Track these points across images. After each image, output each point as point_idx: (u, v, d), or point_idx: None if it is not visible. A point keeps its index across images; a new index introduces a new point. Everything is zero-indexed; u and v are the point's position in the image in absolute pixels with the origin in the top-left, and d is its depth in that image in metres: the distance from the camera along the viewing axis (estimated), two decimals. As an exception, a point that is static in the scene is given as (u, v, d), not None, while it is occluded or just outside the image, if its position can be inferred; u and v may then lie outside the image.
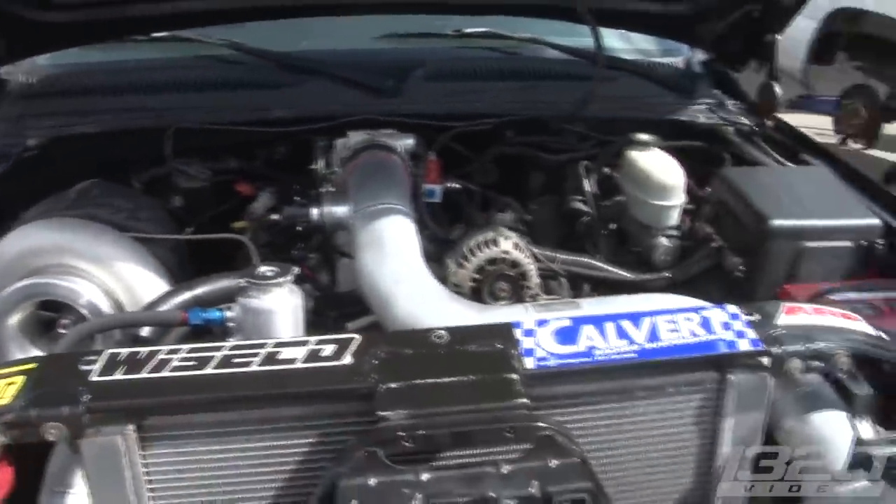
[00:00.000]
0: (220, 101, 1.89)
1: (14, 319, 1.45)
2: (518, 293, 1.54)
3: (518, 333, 1.08)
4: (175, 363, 1.02)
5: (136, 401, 1.01)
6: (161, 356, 1.03)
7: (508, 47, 2.18)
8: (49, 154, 1.77)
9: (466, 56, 2.12)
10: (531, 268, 1.55)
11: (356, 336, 1.05)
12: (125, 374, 1.02)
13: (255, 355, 1.02)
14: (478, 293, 1.54)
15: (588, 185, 1.81)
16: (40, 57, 1.98)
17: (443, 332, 1.07)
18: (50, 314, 1.46)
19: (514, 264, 1.54)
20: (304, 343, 1.04)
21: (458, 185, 1.78)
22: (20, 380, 1.03)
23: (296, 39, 2.04)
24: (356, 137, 1.75)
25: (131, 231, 1.49)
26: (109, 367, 1.03)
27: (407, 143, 1.77)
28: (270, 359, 1.02)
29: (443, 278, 1.49)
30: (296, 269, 1.22)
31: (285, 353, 1.03)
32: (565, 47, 2.12)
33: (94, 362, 1.04)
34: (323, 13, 1.98)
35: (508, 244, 1.56)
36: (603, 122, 1.97)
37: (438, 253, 1.60)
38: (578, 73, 2.06)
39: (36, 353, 1.46)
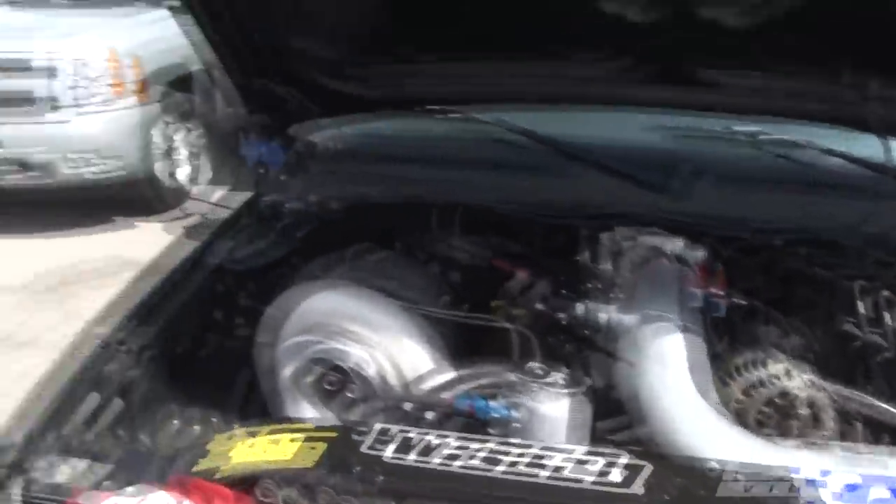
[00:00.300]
0: (499, 182, 1.95)
1: (290, 370, 1.57)
2: (787, 423, 1.43)
3: (812, 490, 1.03)
4: (464, 458, 1.06)
5: (424, 487, 1.06)
6: (451, 448, 1.08)
7: (782, 152, 2.06)
8: (343, 216, 1.92)
9: (747, 161, 2.03)
10: (804, 397, 1.44)
11: (646, 464, 1.03)
12: (416, 458, 1.07)
13: (542, 466, 1.03)
14: (742, 415, 1.45)
15: (863, 308, 1.66)
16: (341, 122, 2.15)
17: (738, 475, 1.04)
18: (321, 370, 1.57)
19: (784, 392, 1.44)
20: (592, 461, 1.04)
21: (742, 302, 1.69)
22: (321, 446, 1.12)
23: (566, 127, 2.07)
24: (641, 238, 1.72)
25: (414, 304, 1.56)
26: (402, 449, 1.09)
27: (696, 255, 1.72)
28: (557, 473, 1.03)
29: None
30: (587, 381, 1.22)
31: (572, 469, 1.03)
32: (856, 158, 1.97)
33: (387, 441, 1.11)
34: (601, 103, 2.00)
35: (779, 367, 1.46)
36: (887, 241, 1.81)
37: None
38: (864, 185, 1.91)
39: (305, 405, 1.56)
